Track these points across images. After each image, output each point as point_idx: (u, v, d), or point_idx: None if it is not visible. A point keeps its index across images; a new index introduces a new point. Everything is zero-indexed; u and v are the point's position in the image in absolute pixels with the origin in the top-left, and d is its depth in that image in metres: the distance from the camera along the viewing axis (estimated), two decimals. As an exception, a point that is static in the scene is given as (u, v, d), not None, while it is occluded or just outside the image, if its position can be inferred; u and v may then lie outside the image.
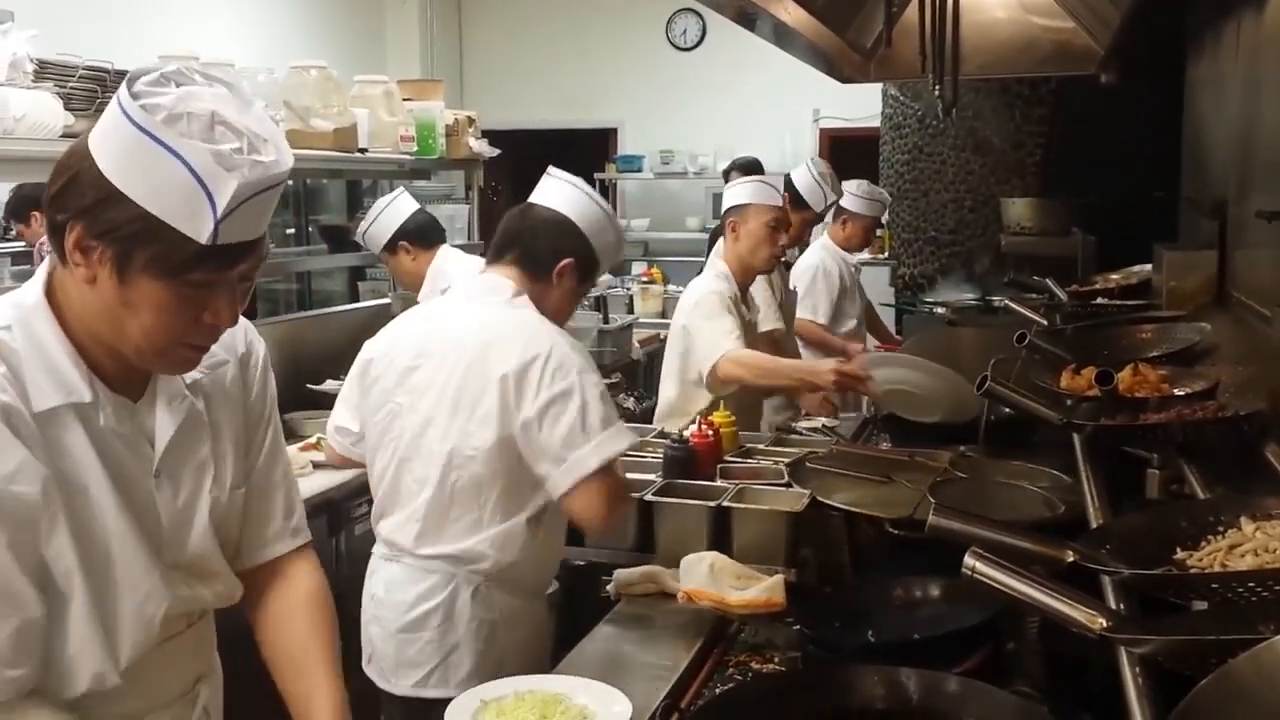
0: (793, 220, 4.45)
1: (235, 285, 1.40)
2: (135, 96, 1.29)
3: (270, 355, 1.70)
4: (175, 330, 1.38)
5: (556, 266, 2.35)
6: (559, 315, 2.40)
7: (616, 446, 2.21)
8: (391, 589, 2.34)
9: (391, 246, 4.31)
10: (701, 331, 3.53)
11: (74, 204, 1.32)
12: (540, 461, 2.21)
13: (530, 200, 2.43)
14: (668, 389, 3.69)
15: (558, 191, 2.41)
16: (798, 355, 4.41)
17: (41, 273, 1.42)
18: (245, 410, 1.63)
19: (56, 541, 1.36)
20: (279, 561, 1.72)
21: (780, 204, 3.79)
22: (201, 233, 1.30)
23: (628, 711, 1.78)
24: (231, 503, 1.59)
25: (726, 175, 6.71)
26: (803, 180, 4.70)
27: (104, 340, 1.40)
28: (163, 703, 1.54)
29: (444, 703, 1.82)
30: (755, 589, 2.19)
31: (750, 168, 6.41)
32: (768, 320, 4.01)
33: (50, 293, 1.41)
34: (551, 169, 2.45)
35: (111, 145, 1.31)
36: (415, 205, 4.34)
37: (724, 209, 3.79)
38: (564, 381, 2.19)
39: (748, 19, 3.39)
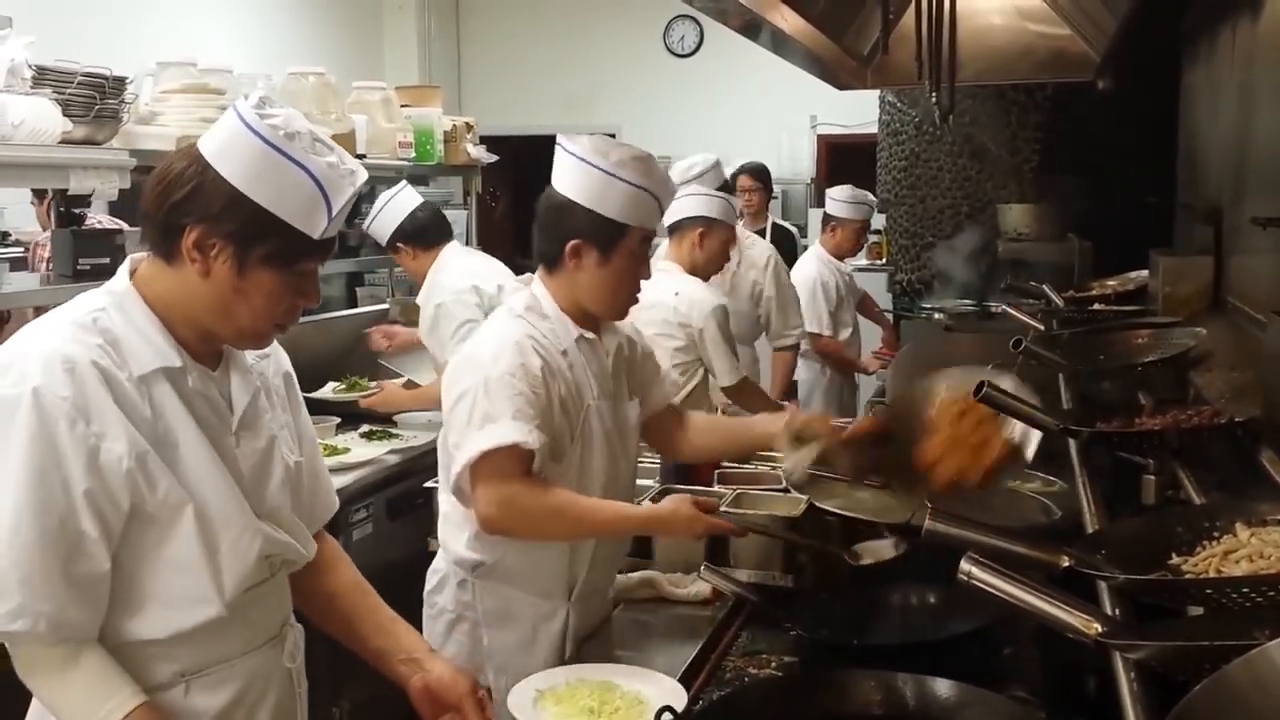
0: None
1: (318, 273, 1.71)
2: (261, 118, 1.56)
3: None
4: (277, 313, 1.65)
5: (565, 252, 2.26)
6: (609, 293, 2.29)
7: (485, 442, 2.11)
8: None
9: (391, 245, 4.25)
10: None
11: (199, 210, 1.57)
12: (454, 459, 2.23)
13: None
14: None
15: (557, 168, 2.29)
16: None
17: (124, 269, 1.67)
18: (288, 396, 1.86)
19: (163, 484, 1.58)
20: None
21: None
22: (316, 230, 1.60)
23: (679, 691, 1.85)
24: (299, 471, 1.80)
25: (733, 179, 6.70)
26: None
27: (199, 324, 1.64)
28: (258, 643, 1.75)
29: None
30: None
31: (758, 172, 6.43)
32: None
33: (136, 283, 1.65)
34: (559, 139, 2.30)
35: (237, 157, 1.57)
36: (416, 201, 4.23)
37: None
38: (463, 384, 2.19)
39: (746, 26, 3.39)
